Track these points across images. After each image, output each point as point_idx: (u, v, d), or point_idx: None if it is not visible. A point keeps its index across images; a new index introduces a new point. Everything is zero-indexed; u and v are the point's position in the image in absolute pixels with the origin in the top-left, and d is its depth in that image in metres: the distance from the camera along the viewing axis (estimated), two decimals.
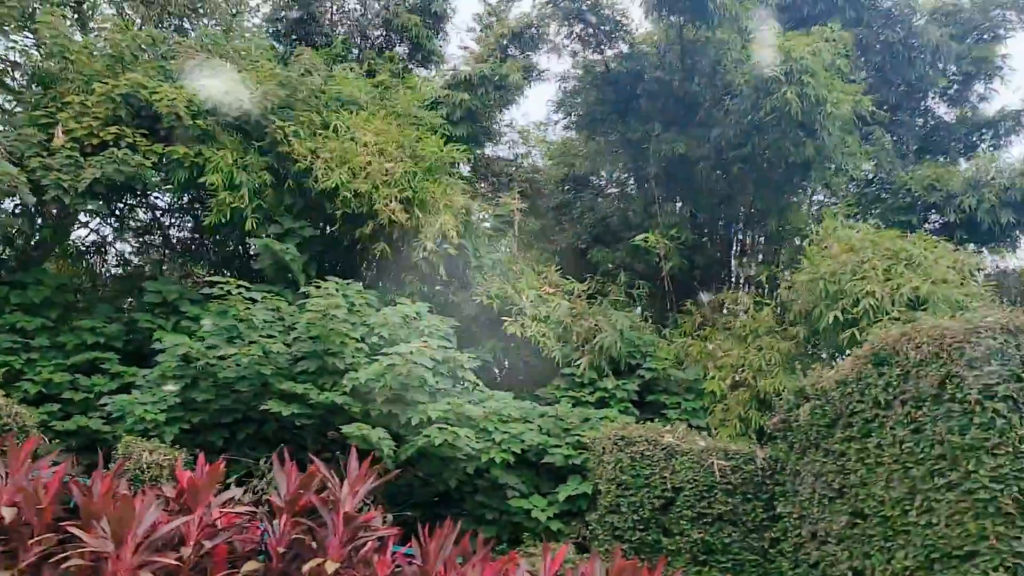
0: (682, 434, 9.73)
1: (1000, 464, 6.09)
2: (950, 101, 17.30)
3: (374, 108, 12.49)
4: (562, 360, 12.53)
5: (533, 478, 10.47)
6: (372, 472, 8.11)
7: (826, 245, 11.80)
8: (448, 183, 12.32)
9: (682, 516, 9.05)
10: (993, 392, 6.29)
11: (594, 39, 15.61)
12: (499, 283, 13.03)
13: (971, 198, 13.86)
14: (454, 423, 9.48)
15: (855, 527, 7.47)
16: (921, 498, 6.67)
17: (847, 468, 7.73)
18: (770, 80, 12.27)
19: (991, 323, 6.54)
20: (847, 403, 7.89)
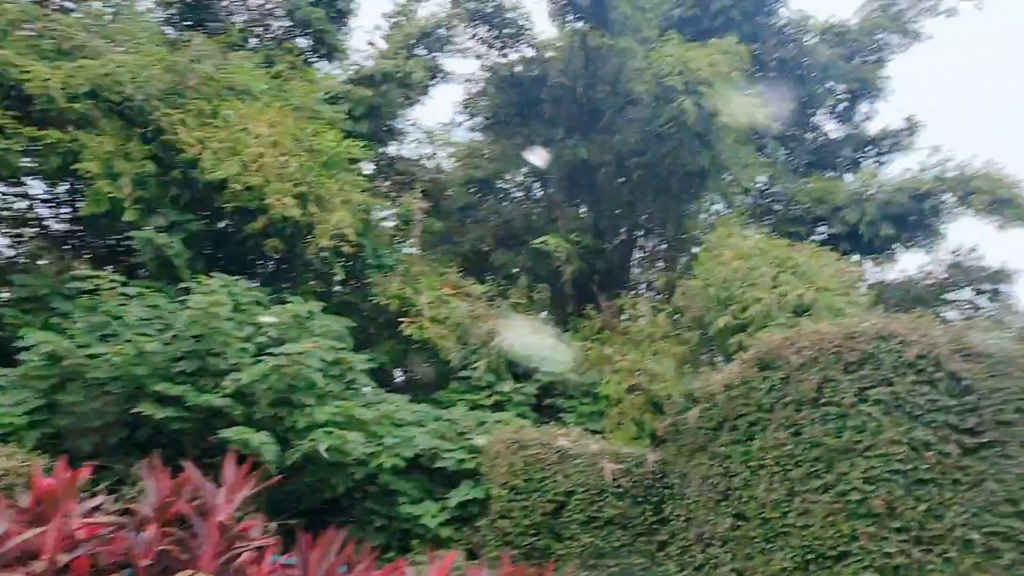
0: (576, 437, 9.71)
1: (872, 466, 6.29)
2: (838, 118, 18.16)
3: (270, 99, 11.98)
4: (460, 363, 12.37)
5: (426, 484, 10.25)
6: (251, 478, 7.70)
7: (719, 253, 12.09)
8: (346, 179, 11.95)
9: (573, 520, 9.01)
10: (866, 396, 6.51)
11: (499, 42, 15.57)
12: (398, 284, 12.76)
13: (854, 212, 14.54)
14: (344, 427, 9.15)
15: (738, 529, 7.59)
16: (799, 500, 6.83)
17: (732, 471, 7.86)
18: (669, 89, 12.51)
19: (865, 329, 6.77)
20: (733, 406, 8.03)
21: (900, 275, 17.32)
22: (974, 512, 6.22)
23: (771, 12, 15.92)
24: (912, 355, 6.58)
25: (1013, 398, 6.63)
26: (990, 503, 6.29)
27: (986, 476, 6.35)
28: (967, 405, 6.54)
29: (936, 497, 6.22)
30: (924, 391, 6.51)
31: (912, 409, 6.45)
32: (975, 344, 6.79)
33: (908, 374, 6.54)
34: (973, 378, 6.59)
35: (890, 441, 6.32)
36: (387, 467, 9.19)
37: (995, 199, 13.33)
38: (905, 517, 6.14)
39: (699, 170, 13.70)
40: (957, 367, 6.60)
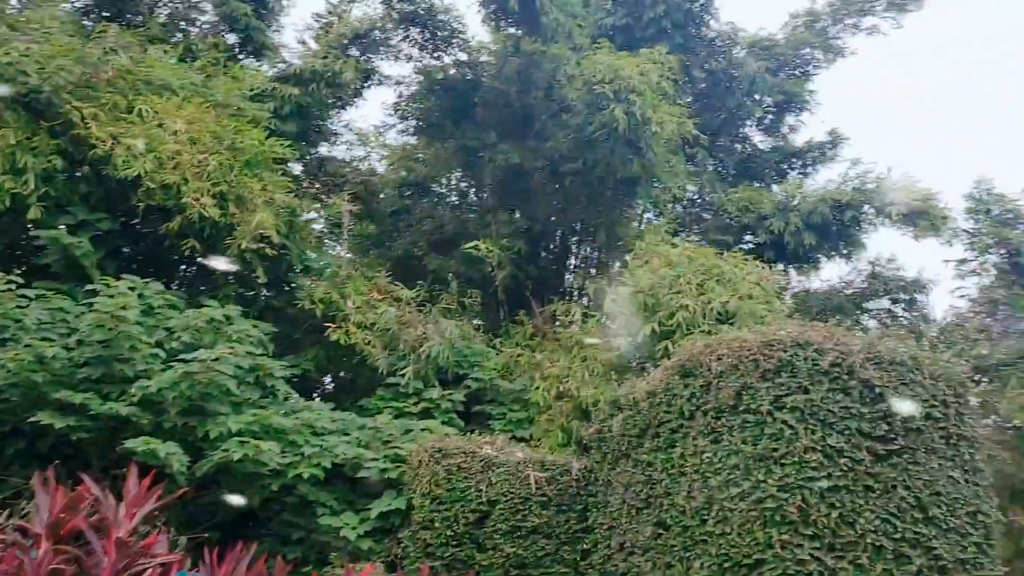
0: (501, 445, 9.59)
1: (787, 473, 6.34)
2: (765, 130, 18.55)
3: (190, 95, 11.52)
4: (387, 369, 12.11)
5: (348, 494, 9.96)
6: (155, 491, 7.33)
7: (647, 260, 12.16)
8: (270, 179, 11.57)
9: (496, 530, 8.87)
10: (783, 403, 6.57)
11: (432, 44, 15.37)
12: (325, 287, 12.42)
13: (779, 221, 14.84)
14: (260, 436, 8.81)
15: (659, 537, 7.57)
16: (717, 507, 6.84)
17: (654, 478, 7.85)
18: (600, 97, 12.53)
19: (783, 336, 6.84)
20: (655, 413, 8.03)
21: (823, 284, 17.80)
22: (884, 518, 6.34)
23: (702, 24, 16.15)
24: (827, 363, 6.68)
25: (923, 405, 6.79)
26: (900, 509, 6.42)
27: (896, 483, 6.49)
28: (879, 412, 6.67)
29: (848, 504, 6.31)
30: (838, 399, 6.61)
31: (826, 416, 6.53)
32: (887, 352, 6.94)
33: (823, 382, 6.63)
34: (884, 386, 6.72)
35: (805, 448, 6.39)
36: (305, 477, 8.88)
37: (911, 210, 13.78)
38: (818, 524, 6.20)
39: (630, 177, 13.77)
40: (869, 375, 6.73)
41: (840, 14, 17.42)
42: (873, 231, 16.14)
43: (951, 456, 6.76)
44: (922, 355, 7.11)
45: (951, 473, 6.67)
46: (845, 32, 17.64)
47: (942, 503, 6.52)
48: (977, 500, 6.66)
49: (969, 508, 6.60)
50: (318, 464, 9.01)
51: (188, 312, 9.50)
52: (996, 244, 16.18)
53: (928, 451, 6.68)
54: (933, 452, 6.70)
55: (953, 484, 6.63)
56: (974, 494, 6.68)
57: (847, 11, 17.32)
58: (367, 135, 18.77)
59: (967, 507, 6.59)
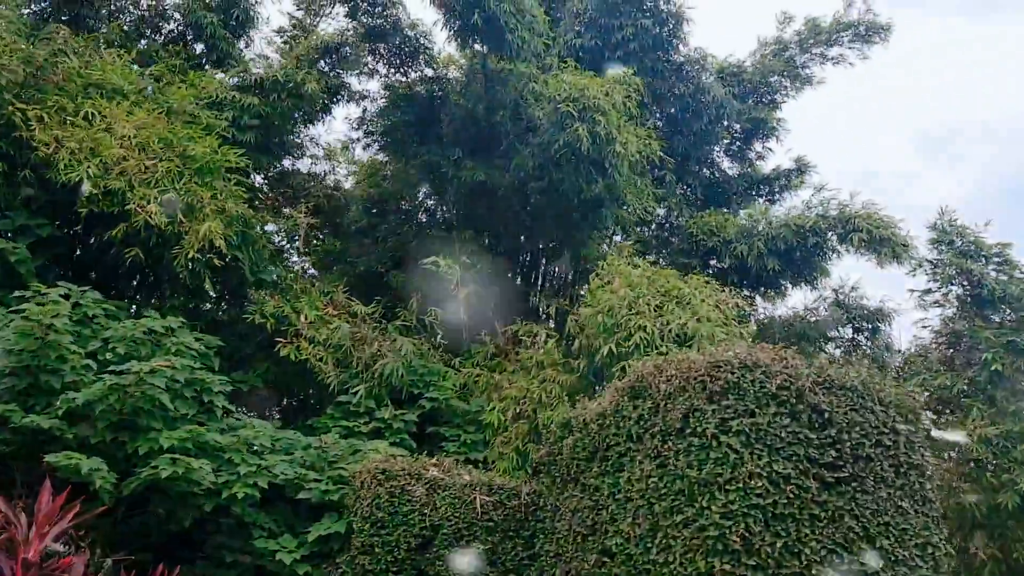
0: (447, 467, 9.27)
1: (731, 500, 6.09)
2: (732, 156, 18.57)
3: (141, 100, 11.22)
4: (339, 387, 11.76)
5: (288, 516, 9.58)
6: (71, 509, 6.93)
7: (609, 280, 11.97)
8: (222, 189, 11.25)
9: (439, 556, 8.52)
10: (728, 427, 6.34)
11: (398, 60, 15.22)
12: (277, 301, 12.08)
13: (743, 245, 14.75)
14: (193, 453, 8.42)
15: (603, 566, 7.27)
16: (661, 535, 6.57)
17: (600, 504, 7.57)
18: (564, 115, 12.40)
19: (730, 357, 6.63)
20: (604, 436, 7.77)
21: (788, 311, 17.72)
22: (831, 549, 6.10)
23: (670, 48, 16.13)
24: (775, 386, 6.47)
25: (872, 432, 6.60)
26: (847, 540, 6.19)
27: (844, 512, 6.27)
28: (827, 439, 6.46)
29: (794, 533, 6.07)
30: (785, 423, 6.39)
31: (773, 441, 6.31)
32: (837, 377, 6.76)
33: (770, 405, 6.42)
34: (833, 411, 6.53)
35: (750, 474, 6.15)
36: (240, 498, 8.48)
37: (872, 237, 13.75)
38: (762, 553, 5.95)
39: (595, 198, 13.60)
40: (818, 399, 6.53)
41: (807, 43, 17.58)
42: (837, 258, 16.13)
43: (901, 485, 6.56)
44: (873, 381, 6.94)
45: (900, 503, 6.46)
46: (812, 61, 17.80)
47: (891, 534, 6.30)
48: (927, 531, 6.45)
49: (919, 539, 6.39)
50: (254, 484, 8.62)
51: (125, 323, 9.11)
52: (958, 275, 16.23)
53: (877, 480, 6.48)
54: (882, 481, 6.49)
55: (902, 514, 6.43)
56: (924, 525, 6.47)
57: (813, 40, 17.48)
58: (333, 150, 18.54)
59: (916, 538, 6.38)
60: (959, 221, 16.41)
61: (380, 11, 14.56)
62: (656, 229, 18.17)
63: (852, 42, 17.37)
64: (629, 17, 15.09)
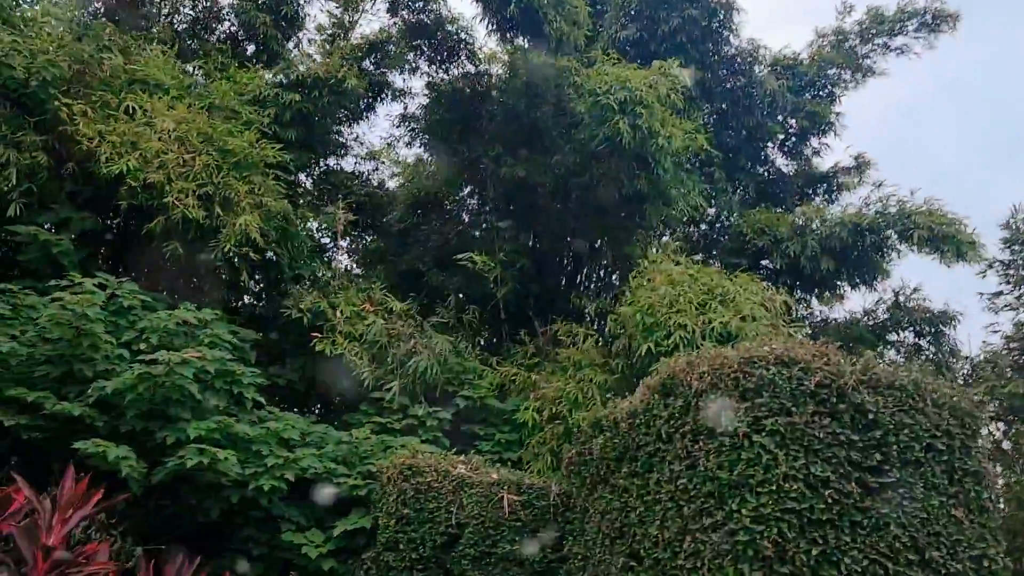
0: (476, 465, 9.04)
1: (762, 503, 5.69)
2: (788, 153, 17.88)
3: (183, 95, 11.35)
4: (373, 383, 11.66)
5: (318, 511, 9.48)
6: (94, 495, 6.94)
7: (650, 279, 11.60)
8: (261, 183, 11.28)
9: (464, 555, 8.29)
10: (761, 426, 5.93)
11: (439, 56, 15.11)
12: (314, 296, 12.06)
13: (796, 244, 14.16)
14: (222, 444, 8.39)
15: (631, 570, 6.93)
16: (690, 539, 6.20)
17: (629, 505, 7.22)
18: (605, 108, 12.08)
19: (765, 353, 6.22)
20: (635, 436, 7.41)
21: (846, 314, 16.98)
22: (874, 559, 5.65)
23: (721, 40, 15.64)
24: (813, 383, 6.04)
25: (923, 435, 6.11)
26: (893, 550, 5.72)
27: (889, 520, 5.79)
28: (871, 441, 6.00)
29: (832, 541, 5.63)
30: (825, 423, 5.95)
31: (811, 442, 5.87)
32: (884, 376, 6.29)
33: (808, 404, 5.98)
34: (879, 411, 6.06)
35: (784, 476, 5.73)
36: (266, 490, 8.39)
37: (934, 235, 13.01)
38: (796, 561, 5.53)
39: (637, 194, 13.24)
40: (862, 399, 6.08)
41: (869, 33, 16.83)
42: (897, 258, 15.38)
43: (955, 493, 6.04)
44: (926, 381, 6.43)
45: (954, 512, 5.95)
46: (875, 52, 17.03)
47: (942, 545, 5.80)
48: (983, 544, 5.92)
49: (973, 552, 5.86)
50: (281, 476, 8.52)
51: (160, 313, 9.16)
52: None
53: (928, 486, 5.98)
54: (934, 488, 5.99)
55: (955, 524, 5.92)
56: (979, 536, 5.94)
57: (876, 30, 16.72)
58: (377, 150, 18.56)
59: (971, 551, 5.86)
60: None
61: (421, 6, 14.47)
62: (705, 228, 17.66)
63: (918, 31, 16.56)
64: (676, 8, 14.64)
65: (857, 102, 37.01)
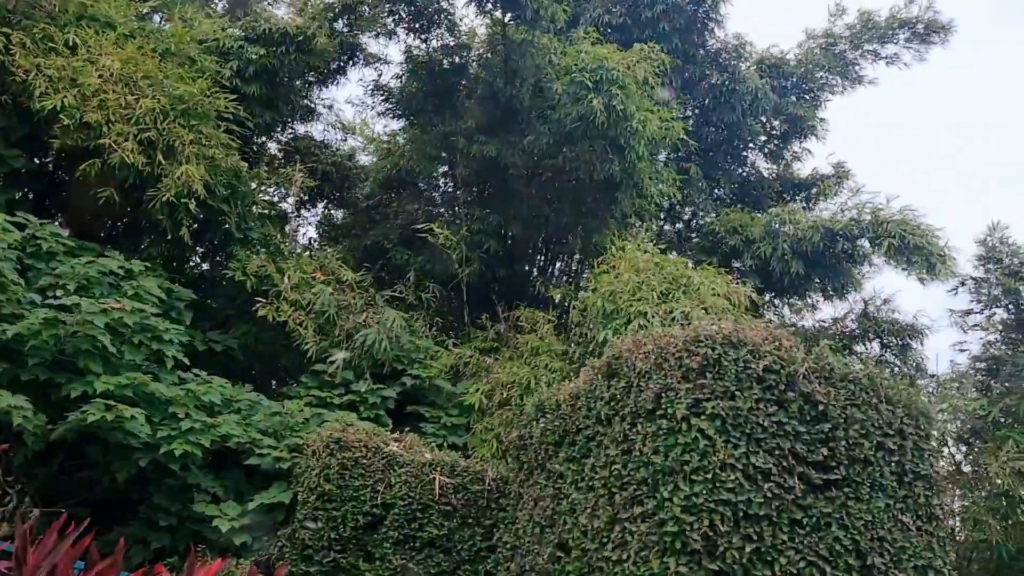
0: (410, 443, 8.51)
1: (696, 492, 5.21)
2: (768, 156, 17.51)
3: (134, 35, 10.72)
4: (317, 355, 11.09)
5: (240, 483, 8.91)
6: None
7: (615, 266, 11.14)
8: (211, 135, 10.66)
9: (387, 538, 7.75)
10: (701, 409, 5.45)
11: (418, 23, 14.53)
12: (261, 260, 11.46)
13: (767, 246, 13.74)
14: (134, 402, 7.79)
15: (558, 561, 6.45)
16: (619, 529, 5.71)
17: (563, 492, 6.73)
18: (579, 86, 11.59)
19: (713, 332, 5.75)
20: (575, 419, 6.93)
21: (815, 322, 16.62)
22: (811, 561, 5.19)
23: (705, 31, 15.23)
24: (761, 368, 5.57)
25: (874, 432, 5.67)
26: (832, 553, 5.27)
27: (831, 520, 5.35)
28: (819, 434, 5.55)
29: (768, 538, 5.16)
30: (771, 411, 5.49)
31: (753, 430, 5.41)
32: (837, 366, 5.84)
33: (754, 389, 5.52)
34: (830, 404, 5.61)
35: (722, 464, 5.26)
36: (178, 455, 7.80)
37: (905, 244, 12.64)
38: (728, 558, 5.05)
39: (609, 179, 12.75)
40: (813, 388, 5.62)
41: (860, 38, 16.47)
42: (869, 267, 15.05)
43: (903, 497, 5.61)
44: (883, 377, 6.00)
45: (901, 517, 5.52)
46: (864, 58, 16.69)
47: (885, 551, 5.36)
48: (929, 553, 5.49)
49: (919, 561, 5.43)
50: (196, 442, 7.93)
51: (80, 259, 8.53)
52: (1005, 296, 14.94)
53: (875, 487, 5.54)
54: (881, 489, 5.56)
55: (901, 530, 5.48)
56: (926, 545, 5.51)
57: (867, 36, 16.37)
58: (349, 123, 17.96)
59: (916, 559, 5.42)
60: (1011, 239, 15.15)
61: None
62: (680, 227, 17.23)
63: (909, 41, 16.24)
64: None
65: None
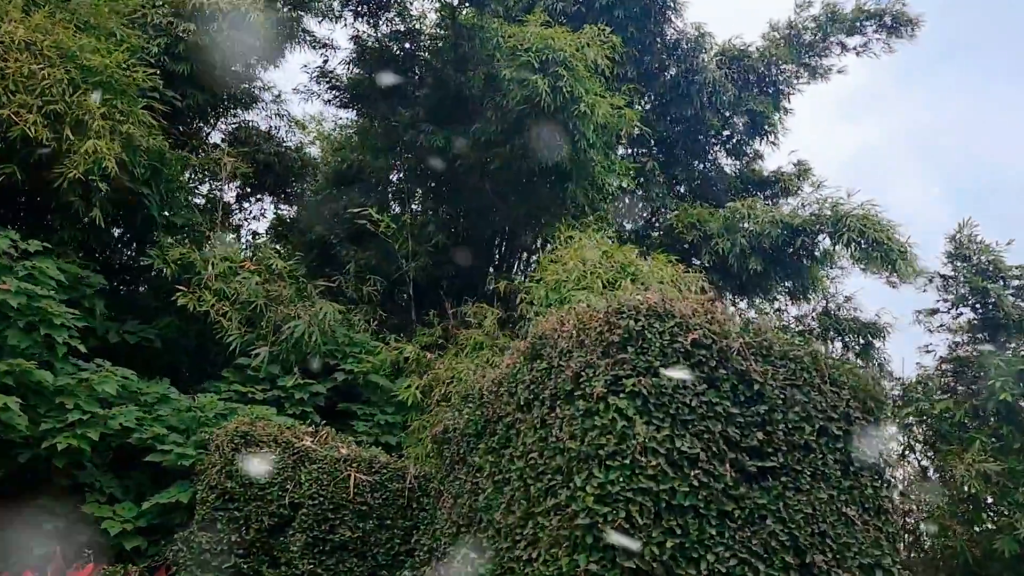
0: (325, 438, 7.81)
1: (611, 480, 4.57)
2: (730, 152, 17.05)
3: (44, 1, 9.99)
4: (242, 348, 10.36)
5: (146, 483, 8.14)
6: None
7: (562, 256, 10.56)
8: (128, 111, 9.92)
9: (295, 541, 7.02)
10: (620, 386, 4.83)
11: (367, 8, 13.91)
12: (183, 249, 10.71)
13: (725, 241, 13.24)
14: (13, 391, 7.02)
15: (471, 564, 5.77)
16: (532, 525, 5.07)
17: (480, 487, 6.08)
18: (525, 67, 11.04)
19: (638, 302, 5.14)
20: (497, 406, 6.29)
21: (776, 321, 16.14)
22: (744, 559, 4.58)
23: (662, 20, 14.75)
24: (689, 341, 4.97)
25: (816, 416, 5.09)
26: (768, 549, 4.66)
27: (767, 511, 4.74)
28: (754, 417, 4.96)
29: (694, 532, 4.55)
30: (700, 390, 4.89)
31: (679, 411, 4.80)
32: (777, 343, 5.27)
33: (681, 365, 4.91)
34: (767, 383, 5.02)
35: (642, 448, 4.63)
36: (61, 449, 7.02)
37: (865, 239, 12.19)
38: (644, 554, 4.42)
39: (559, 168, 12.18)
40: (748, 366, 5.03)
41: (825, 29, 16.08)
42: (830, 265, 14.64)
43: (848, 488, 5.03)
44: (825, 356, 5.44)
45: (845, 510, 4.93)
46: (829, 50, 16.32)
47: (827, 548, 4.77)
48: (877, 551, 4.91)
49: (865, 559, 4.84)
50: (83, 436, 7.16)
51: None
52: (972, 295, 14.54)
53: (817, 477, 4.96)
54: (824, 479, 4.98)
55: (846, 525, 4.89)
56: (873, 542, 4.92)
57: (831, 27, 15.99)
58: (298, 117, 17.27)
59: (862, 557, 4.84)
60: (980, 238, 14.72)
61: None
62: (641, 223, 16.69)
63: (877, 32, 15.88)
64: None
65: (831, 142, 36.58)
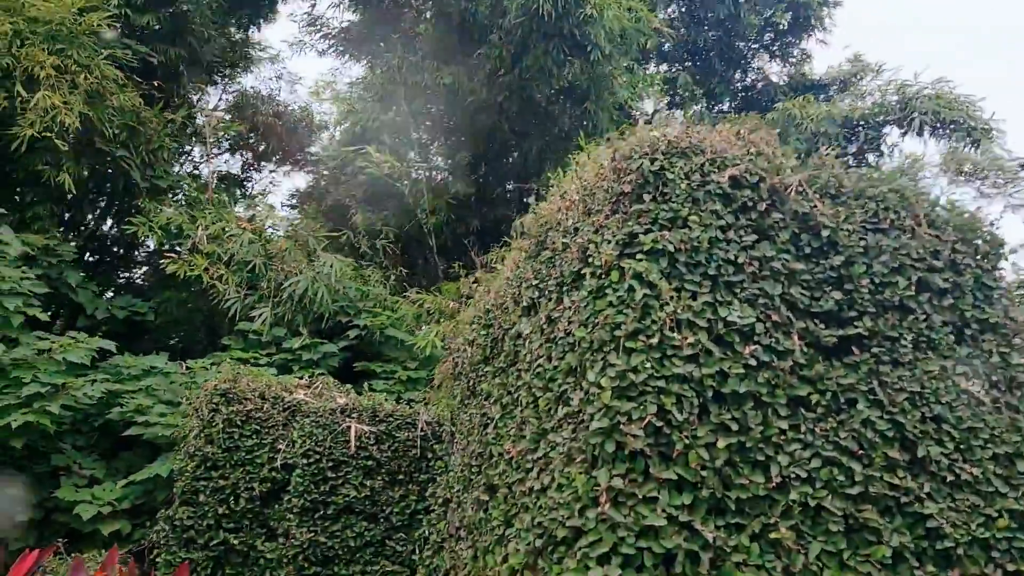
0: (321, 388, 6.75)
1: (635, 367, 3.32)
2: (774, 55, 15.38)
3: None
4: (243, 311, 9.39)
5: (136, 463, 7.23)
6: None
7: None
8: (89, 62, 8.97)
9: (291, 508, 5.98)
10: (637, 245, 3.57)
11: None
12: (170, 212, 9.78)
13: None
14: None
15: (483, 508, 4.62)
16: (544, 446, 3.87)
17: (489, 417, 4.91)
18: None
19: (653, 139, 3.84)
20: (503, 320, 5.12)
21: None
22: (829, 456, 3.30)
23: None
24: (727, 180, 3.67)
25: (914, 266, 3.76)
26: (864, 442, 3.38)
27: (856, 395, 3.45)
28: (826, 273, 3.65)
29: (757, 427, 3.28)
30: (748, 242, 3.60)
31: (722, 270, 3.52)
32: (848, 179, 3.94)
33: (720, 210, 3.62)
34: (839, 229, 3.71)
35: (673, 323, 3.37)
36: (16, 427, 6.11)
37: (940, 120, 10.56)
38: (689, 460, 3.17)
39: (573, 87, 10.86)
40: (812, 208, 3.72)
41: None
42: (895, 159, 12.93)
43: (966, 357, 3.68)
44: (920, 193, 4.06)
45: (966, 385, 3.59)
46: None
47: (945, 437, 3.45)
48: (1016, 436, 3.55)
49: (999, 448, 3.50)
50: (41, 410, 6.24)
51: None
52: None
53: (920, 345, 3.62)
54: (931, 347, 3.64)
55: (967, 406, 3.55)
56: (1009, 424, 3.57)
57: None
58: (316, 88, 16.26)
59: (993, 445, 3.49)
60: None
61: None
62: None
63: None
64: None
65: None
